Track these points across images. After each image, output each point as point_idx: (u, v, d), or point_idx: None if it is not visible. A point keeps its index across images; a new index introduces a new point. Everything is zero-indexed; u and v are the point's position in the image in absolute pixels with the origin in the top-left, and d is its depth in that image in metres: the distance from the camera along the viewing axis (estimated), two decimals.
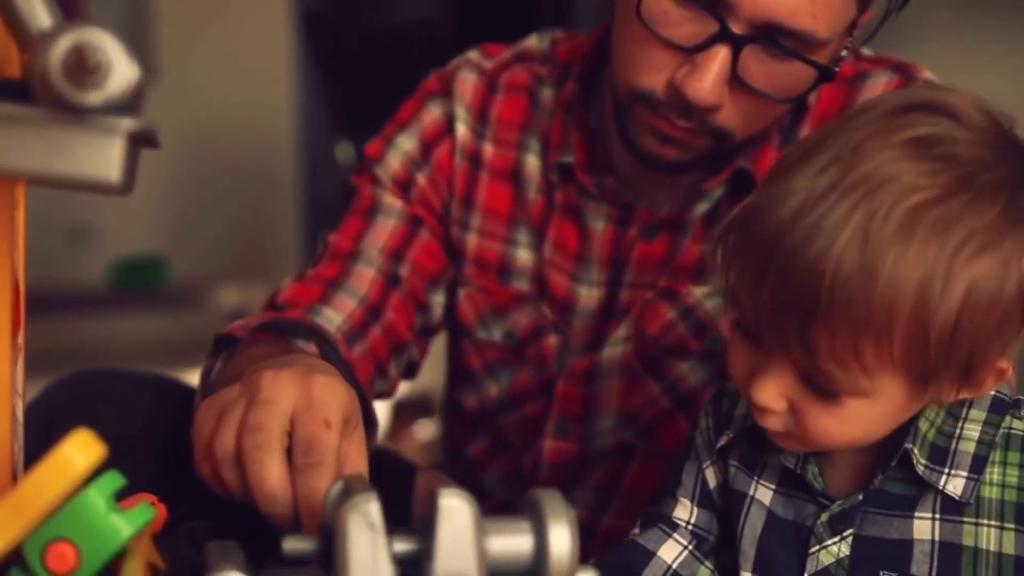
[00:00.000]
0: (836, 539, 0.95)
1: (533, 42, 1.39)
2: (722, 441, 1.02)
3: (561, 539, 0.71)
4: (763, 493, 1.00)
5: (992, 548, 0.91)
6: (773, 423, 0.92)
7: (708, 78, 1.10)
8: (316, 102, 4.39)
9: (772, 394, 0.90)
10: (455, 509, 0.70)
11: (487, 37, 1.46)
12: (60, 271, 3.76)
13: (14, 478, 0.81)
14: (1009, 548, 0.91)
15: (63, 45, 0.68)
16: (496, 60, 1.39)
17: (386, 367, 1.32)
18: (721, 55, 1.09)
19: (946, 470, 0.92)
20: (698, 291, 1.27)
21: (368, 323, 1.29)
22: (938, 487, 0.92)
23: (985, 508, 0.92)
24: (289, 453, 0.90)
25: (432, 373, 1.49)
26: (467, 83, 1.37)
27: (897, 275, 0.82)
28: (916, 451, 0.92)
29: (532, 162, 1.34)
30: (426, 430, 3.01)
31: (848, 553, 0.95)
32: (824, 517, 0.96)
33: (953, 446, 0.92)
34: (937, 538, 0.92)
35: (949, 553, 0.92)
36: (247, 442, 0.89)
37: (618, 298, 1.31)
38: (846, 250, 0.82)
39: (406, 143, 1.36)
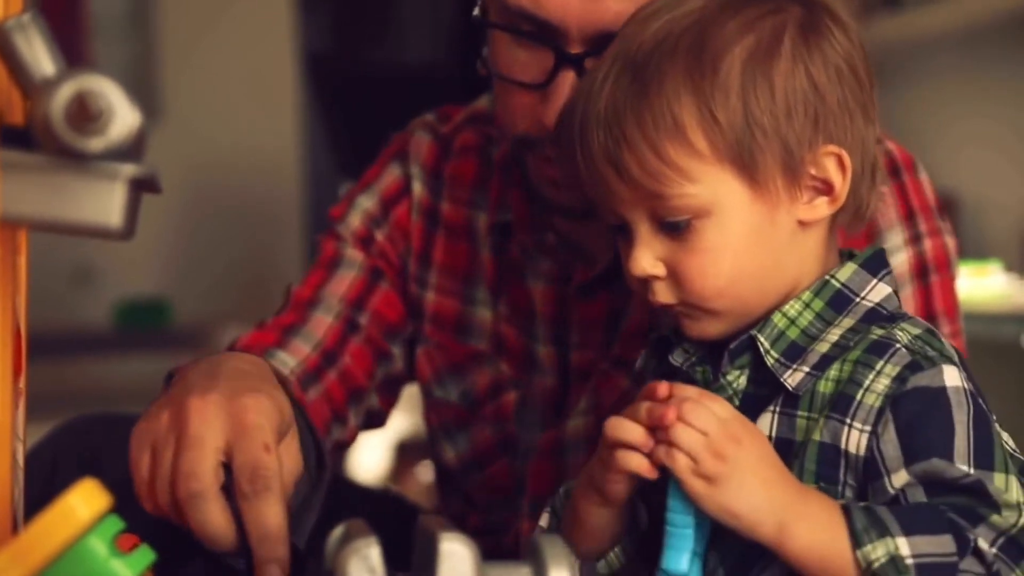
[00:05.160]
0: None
1: (484, 102, 1.40)
2: (639, 363, 1.05)
3: None
4: None
5: (815, 438, 0.92)
6: (663, 294, 0.97)
7: (562, 103, 1.09)
8: (320, 143, 4.40)
9: (647, 259, 0.96)
10: (455, 553, 0.70)
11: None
12: (64, 313, 3.76)
13: (14, 523, 0.81)
14: (817, 435, 0.92)
15: (66, 92, 0.69)
16: (451, 123, 1.39)
17: (344, 414, 1.30)
18: (570, 80, 1.10)
19: (794, 365, 0.94)
20: None
21: (323, 367, 1.28)
22: (779, 379, 0.93)
23: (817, 402, 0.93)
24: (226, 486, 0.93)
25: None
26: (422, 143, 1.38)
27: (663, 71, 0.93)
28: (764, 341, 0.94)
29: (484, 221, 1.34)
30: (429, 472, 3.00)
31: None
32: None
33: (811, 346, 0.94)
34: (774, 434, 0.94)
35: (781, 449, 0.92)
36: (182, 491, 0.92)
37: (570, 359, 1.29)
38: (617, 81, 0.94)
39: (366, 202, 1.37)
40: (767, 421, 0.94)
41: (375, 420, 1.38)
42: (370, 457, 3.36)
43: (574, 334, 1.29)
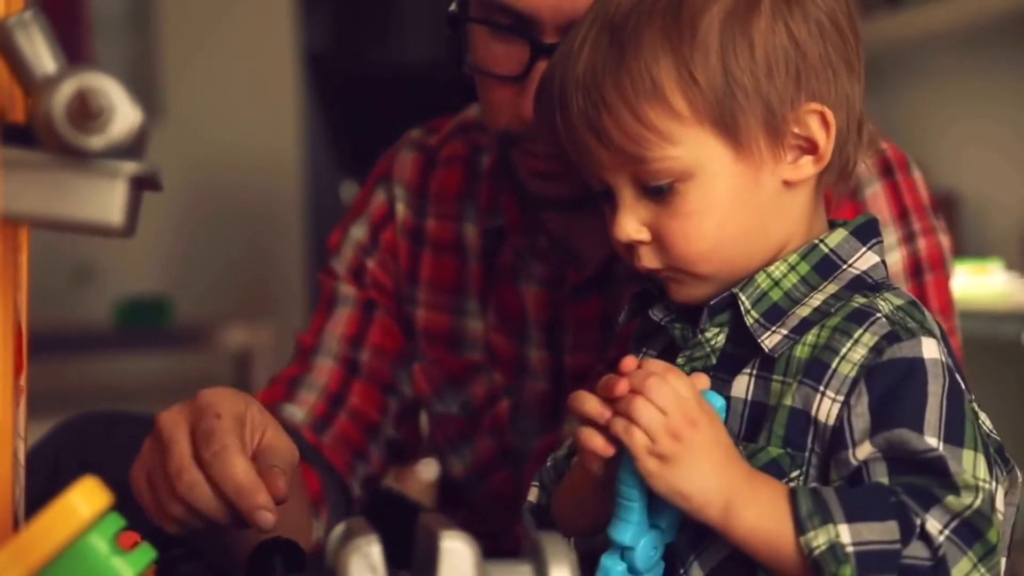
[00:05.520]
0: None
1: (473, 111, 1.39)
2: (621, 319, 1.03)
3: None
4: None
5: (787, 403, 0.91)
6: (648, 259, 0.96)
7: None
8: (321, 143, 4.40)
9: (631, 224, 0.95)
10: (456, 551, 0.70)
11: None
12: (65, 311, 3.76)
13: (15, 520, 0.81)
14: (789, 400, 0.91)
15: (67, 90, 0.69)
16: (438, 134, 1.40)
17: (364, 450, 1.33)
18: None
19: (773, 327, 0.92)
20: None
21: (331, 412, 1.31)
22: (757, 340, 0.92)
23: (792, 366, 0.92)
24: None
25: None
26: (405, 162, 1.38)
27: (640, 32, 0.91)
28: (745, 300, 0.93)
29: (471, 230, 1.34)
30: (430, 470, 3.00)
31: None
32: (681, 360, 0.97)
33: (793, 309, 0.93)
34: (750, 397, 0.93)
35: (756, 413, 0.92)
36: (180, 490, 0.96)
37: (564, 362, 1.29)
38: (595, 44, 0.93)
39: (358, 232, 1.39)
40: (744, 384, 0.93)
41: (401, 452, 1.40)
42: None
43: (568, 337, 1.29)
